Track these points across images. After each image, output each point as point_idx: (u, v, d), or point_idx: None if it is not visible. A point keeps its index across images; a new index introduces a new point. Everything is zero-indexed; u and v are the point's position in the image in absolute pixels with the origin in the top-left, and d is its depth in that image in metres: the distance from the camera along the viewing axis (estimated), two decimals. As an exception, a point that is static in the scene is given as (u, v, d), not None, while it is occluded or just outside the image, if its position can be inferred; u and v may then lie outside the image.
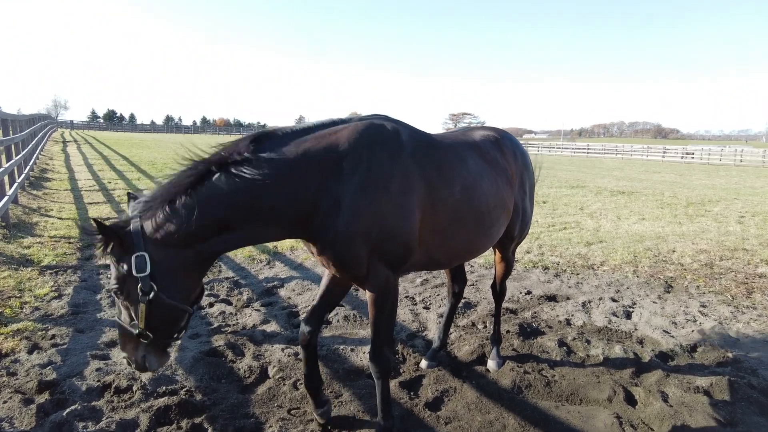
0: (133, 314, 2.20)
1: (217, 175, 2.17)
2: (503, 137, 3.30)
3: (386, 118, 2.65)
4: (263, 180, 2.17)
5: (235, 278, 5.53)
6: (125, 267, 2.15)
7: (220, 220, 2.18)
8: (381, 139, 2.43)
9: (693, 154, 40.23)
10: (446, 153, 2.74)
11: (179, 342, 3.81)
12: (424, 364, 3.58)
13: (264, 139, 2.30)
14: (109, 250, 2.19)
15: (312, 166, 2.26)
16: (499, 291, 3.73)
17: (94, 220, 2.15)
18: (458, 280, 3.75)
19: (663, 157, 40.49)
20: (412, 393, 3.25)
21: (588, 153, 47.03)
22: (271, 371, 3.46)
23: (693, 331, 4.37)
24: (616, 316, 4.67)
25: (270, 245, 6.91)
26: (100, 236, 2.17)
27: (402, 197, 2.38)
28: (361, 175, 2.29)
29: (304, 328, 2.76)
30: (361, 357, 3.71)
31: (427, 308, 4.78)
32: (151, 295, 2.14)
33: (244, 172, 2.16)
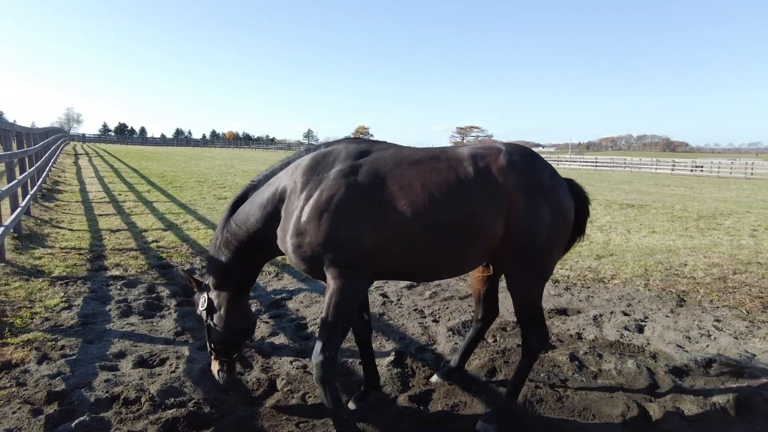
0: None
1: (218, 239, 3.12)
2: (509, 152, 2.92)
3: (351, 140, 3.00)
4: (233, 238, 3.04)
5: (244, 290, 5.52)
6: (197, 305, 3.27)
7: (225, 266, 3.08)
8: (321, 165, 2.84)
9: (702, 167, 39.96)
10: (405, 169, 2.81)
11: (187, 355, 3.81)
12: (435, 378, 3.53)
13: (240, 201, 3.10)
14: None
15: (268, 207, 2.91)
16: (521, 335, 3.08)
17: (186, 272, 3.41)
18: (485, 307, 3.49)
19: (672, 170, 40.25)
20: (421, 407, 3.21)
21: (596, 166, 46.88)
22: (279, 384, 3.43)
23: (708, 345, 4.29)
24: (628, 330, 4.60)
25: (278, 257, 6.91)
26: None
27: (339, 211, 2.68)
28: (303, 198, 2.76)
29: None
30: (370, 370, 3.68)
31: (436, 321, 4.74)
32: (206, 322, 3.17)
33: (221, 239, 3.09)
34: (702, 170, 39.21)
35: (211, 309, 3.13)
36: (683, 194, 19.29)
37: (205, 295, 3.16)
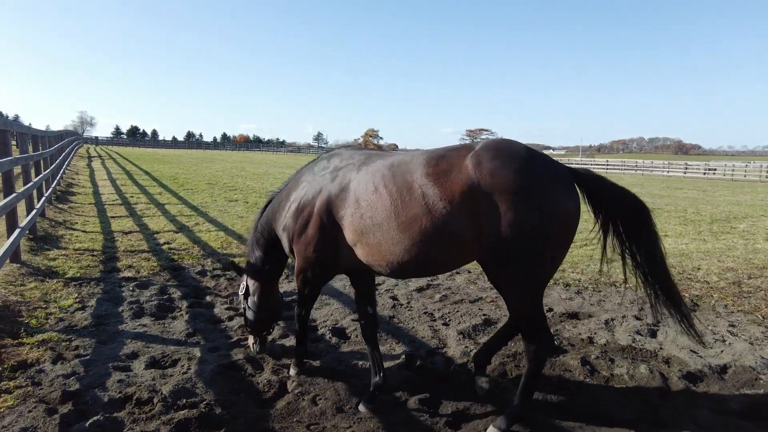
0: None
1: (251, 238, 3.97)
2: (479, 153, 2.72)
3: (346, 148, 3.52)
4: (261, 238, 3.82)
5: (254, 292, 5.55)
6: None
7: (256, 260, 3.86)
8: (312, 173, 3.43)
9: (715, 169, 39.46)
10: (367, 176, 3.04)
11: (198, 356, 3.83)
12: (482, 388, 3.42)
13: (267, 206, 3.83)
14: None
15: (274, 207, 3.68)
16: (522, 341, 2.95)
17: (231, 262, 3.92)
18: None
19: (684, 173, 39.80)
20: (432, 410, 3.20)
21: (607, 169, 46.52)
22: (290, 386, 3.45)
23: (722, 351, 4.23)
24: (641, 334, 4.56)
25: (289, 260, 6.94)
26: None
27: (309, 215, 3.25)
28: (291, 199, 3.45)
29: None
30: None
31: (446, 325, 4.73)
32: (242, 304, 3.93)
33: (253, 238, 3.92)
34: (715, 173, 38.71)
35: (246, 294, 3.86)
36: (696, 197, 19.07)
37: (245, 282, 3.89)
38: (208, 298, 5.30)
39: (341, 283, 5.83)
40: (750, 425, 3.08)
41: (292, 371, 3.62)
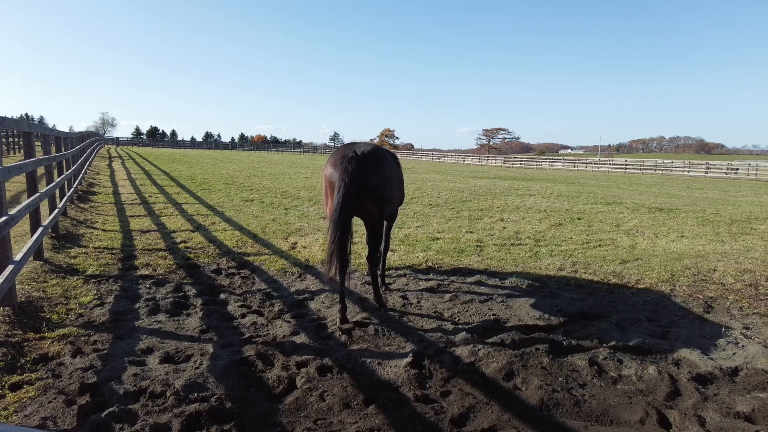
0: None
1: None
2: None
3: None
4: None
5: (268, 290, 5.66)
6: None
7: None
8: None
9: (738, 169, 38.60)
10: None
11: (211, 352, 3.93)
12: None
13: None
14: None
15: None
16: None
17: None
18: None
19: (706, 173, 39.01)
20: (437, 408, 3.24)
21: (626, 169, 45.83)
22: (299, 382, 3.52)
23: (735, 353, 4.19)
24: (652, 336, 4.52)
25: (302, 259, 7.04)
26: None
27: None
28: None
29: None
30: (388, 371, 3.74)
31: (455, 324, 4.76)
32: None
33: None
34: (737, 173, 37.88)
35: None
36: (716, 197, 18.70)
37: None
38: (222, 296, 5.42)
39: (352, 282, 5.90)
40: (759, 428, 3.05)
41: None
